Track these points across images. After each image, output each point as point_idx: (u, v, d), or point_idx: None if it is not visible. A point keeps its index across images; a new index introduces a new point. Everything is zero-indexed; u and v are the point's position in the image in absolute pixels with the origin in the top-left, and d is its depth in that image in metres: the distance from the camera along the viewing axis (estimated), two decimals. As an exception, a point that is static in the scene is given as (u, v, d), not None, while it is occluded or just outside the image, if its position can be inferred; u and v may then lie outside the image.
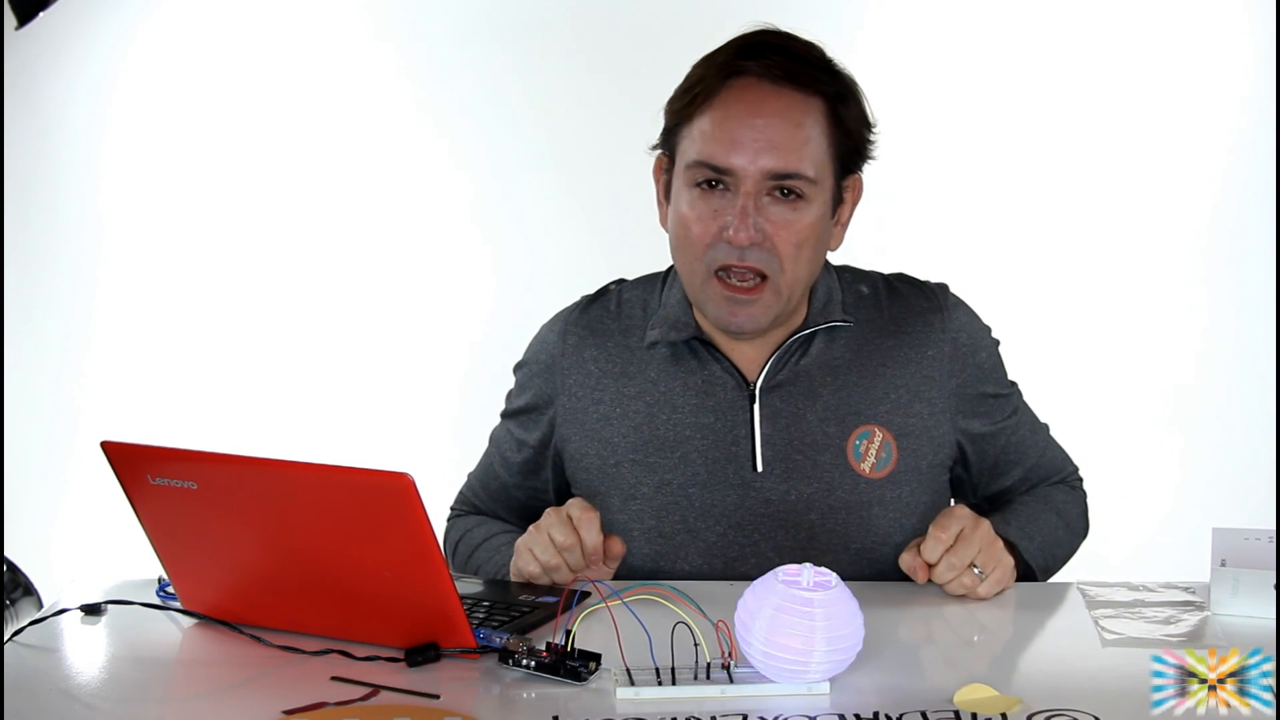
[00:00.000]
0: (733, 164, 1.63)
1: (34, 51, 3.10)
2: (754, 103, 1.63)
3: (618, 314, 1.80)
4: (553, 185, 3.21)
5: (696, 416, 1.72)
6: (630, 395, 1.75)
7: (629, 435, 1.74)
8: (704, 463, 1.71)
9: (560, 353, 1.79)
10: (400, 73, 3.20)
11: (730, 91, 1.64)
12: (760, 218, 1.63)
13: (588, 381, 1.77)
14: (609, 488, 1.74)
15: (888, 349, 1.74)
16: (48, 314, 3.24)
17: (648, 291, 1.81)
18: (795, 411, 1.72)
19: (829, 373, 1.73)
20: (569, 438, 1.78)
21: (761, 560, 1.68)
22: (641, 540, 1.72)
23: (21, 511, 3.02)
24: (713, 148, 1.63)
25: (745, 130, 1.62)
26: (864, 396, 1.72)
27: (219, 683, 1.38)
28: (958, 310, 1.79)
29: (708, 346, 1.74)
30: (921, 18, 3.12)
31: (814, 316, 1.74)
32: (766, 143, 1.62)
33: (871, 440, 1.71)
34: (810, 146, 1.63)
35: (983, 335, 1.81)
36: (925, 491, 1.74)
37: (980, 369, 1.79)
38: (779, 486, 1.70)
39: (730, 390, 1.73)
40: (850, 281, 1.79)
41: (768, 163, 1.62)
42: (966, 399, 1.77)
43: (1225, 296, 3.14)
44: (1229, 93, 3.08)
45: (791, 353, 1.73)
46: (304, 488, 1.37)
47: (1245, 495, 2.89)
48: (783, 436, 1.71)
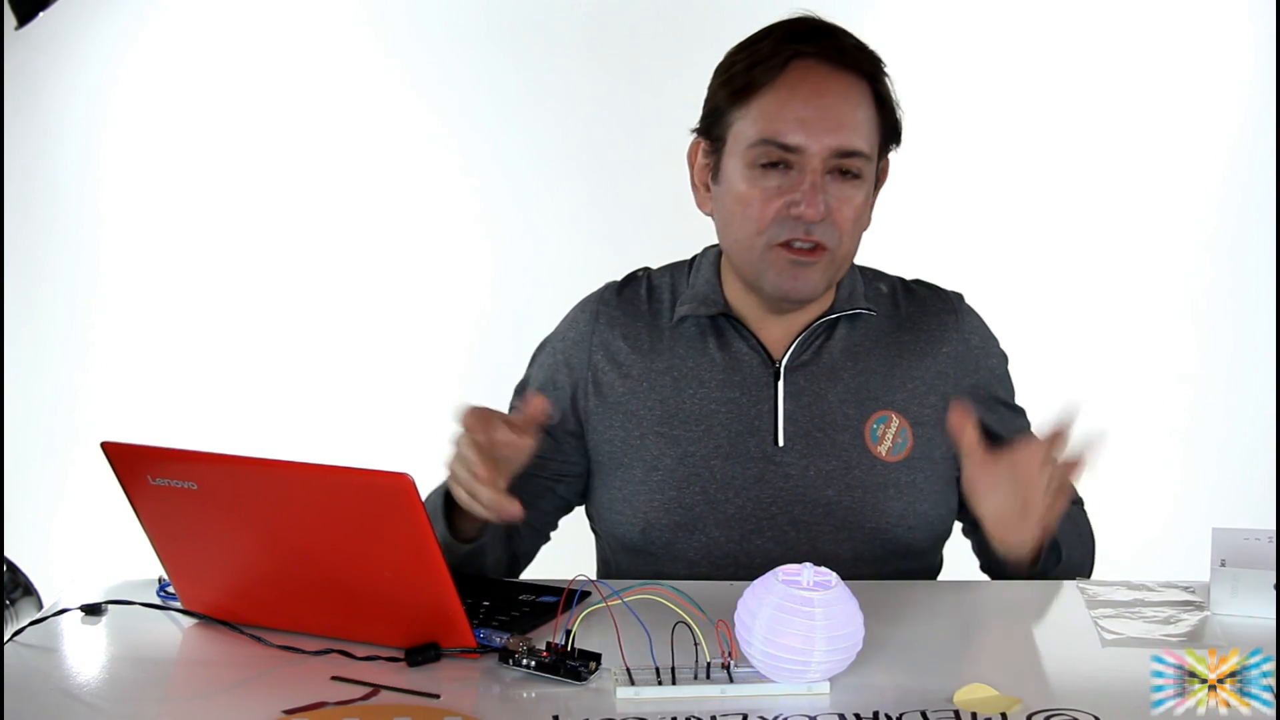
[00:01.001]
0: (800, 142, 1.68)
1: (34, 51, 3.10)
2: (817, 83, 1.69)
3: (648, 297, 1.84)
4: (554, 184, 3.21)
5: (722, 391, 1.76)
6: (658, 370, 1.78)
7: (655, 408, 1.77)
8: (727, 436, 1.75)
9: (591, 330, 1.82)
10: (399, 72, 3.20)
11: (793, 73, 1.69)
12: (827, 196, 1.69)
13: (616, 357, 1.80)
14: (632, 459, 1.77)
15: (905, 342, 1.79)
16: (48, 314, 3.24)
17: (676, 276, 1.85)
18: (818, 391, 1.76)
19: (851, 358, 1.78)
20: (594, 410, 1.80)
21: (778, 534, 1.72)
22: (661, 511, 1.74)
23: (21, 511, 3.02)
24: (779, 125, 1.68)
25: (811, 109, 1.68)
26: (882, 383, 1.77)
27: (219, 683, 1.38)
28: (971, 316, 1.85)
29: (735, 325, 1.78)
30: (922, 21, 3.12)
31: (840, 303, 1.79)
32: (833, 122, 1.68)
33: (889, 425, 1.76)
34: (866, 127, 1.70)
35: (993, 344, 1.86)
36: (937, 481, 1.77)
37: (992, 373, 1.83)
38: (799, 462, 1.74)
39: (756, 367, 1.77)
40: (871, 279, 1.85)
41: (833, 140, 1.68)
42: (981, 400, 1.80)
43: (1225, 296, 3.14)
44: (1232, 96, 3.08)
45: (816, 336, 1.78)
46: (304, 488, 1.37)
47: (1245, 495, 2.89)
48: (805, 414, 1.75)
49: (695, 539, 1.74)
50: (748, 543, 1.73)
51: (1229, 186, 3.11)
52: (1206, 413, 3.15)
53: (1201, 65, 3.08)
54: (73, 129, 3.22)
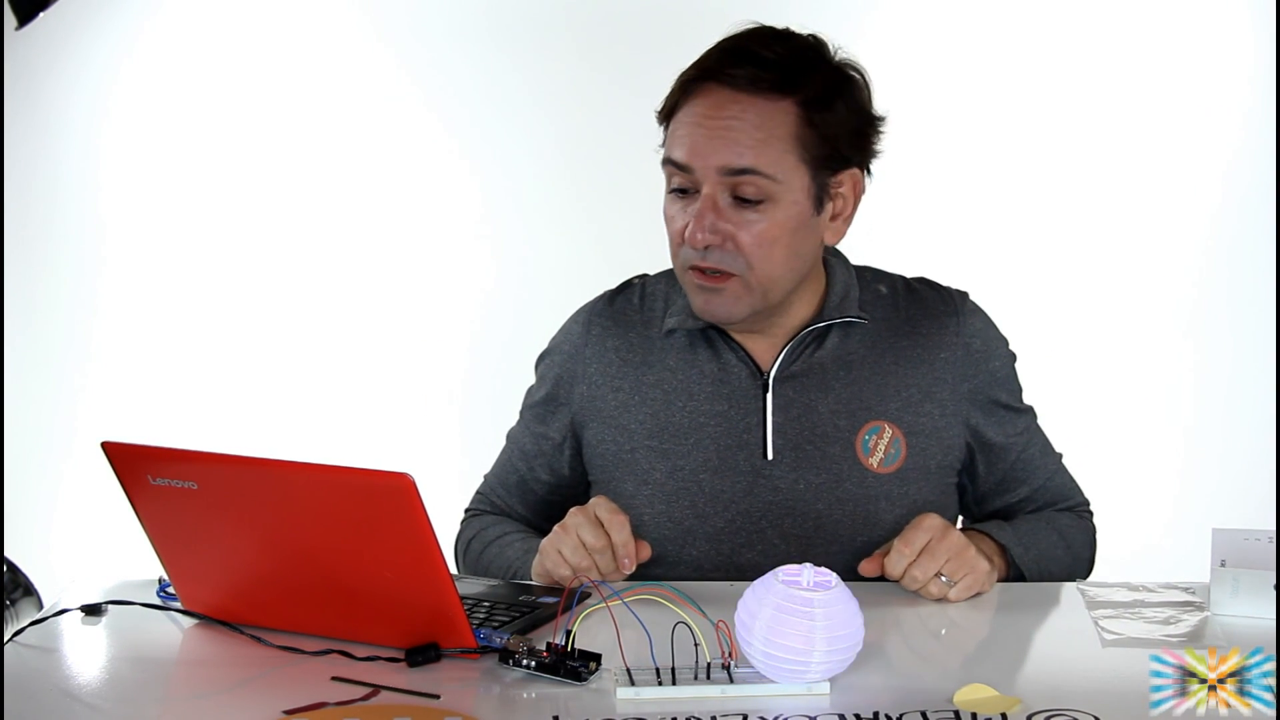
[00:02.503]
0: (687, 161, 1.67)
1: (34, 51, 3.10)
2: (712, 106, 1.67)
3: (640, 306, 1.84)
4: (554, 185, 3.21)
5: (711, 404, 1.75)
6: (649, 383, 1.78)
7: (645, 422, 1.77)
8: (716, 449, 1.74)
9: (584, 342, 1.82)
10: (398, 71, 3.20)
11: (698, 95, 1.68)
12: (720, 220, 1.66)
13: (609, 370, 1.80)
14: (624, 473, 1.77)
15: (901, 348, 1.77)
16: (48, 314, 3.24)
17: (670, 285, 1.84)
18: (807, 403, 1.74)
19: (842, 367, 1.75)
20: (587, 424, 1.80)
21: (767, 548, 1.71)
22: (651, 525, 1.74)
23: (21, 511, 3.02)
24: (674, 145, 1.69)
25: (701, 131, 1.66)
26: (875, 393, 1.75)
27: (219, 683, 1.38)
28: (974, 317, 1.81)
29: (724, 336, 1.77)
30: (922, 23, 3.12)
31: (829, 311, 1.76)
32: (721, 141, 1.65)
33: (881, 436, 1.74)
34: (770, 147, 1.65)
35: (997, 344, 1.82)
36: (932, 491, 1.75)
37: (993, 376, 1.80)
38: (788, 475, 1.73)
39: (744, 379, 1.75)
40: (870, 281, 1.82)
41: (717, 160, 1.65)
42: (979, 404, 1.78)
43: (1225, 296, 3.14)
44: (1232, 103, 3.09)
45: (805, 345, 1.76)
46: (304, 488, 1.37)
47: (1245, 495, 2.89)
48: (794, 426, 1.73)
49: (685, 553, 1.73)
50: (738, 556, 1.72)
51: (1229, 188, 3.11)
52: (1207, 413, 3.15)
53: (1207, 60, 3.08)
54: (73, 129, 3.22)
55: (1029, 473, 1.82)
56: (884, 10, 3.12)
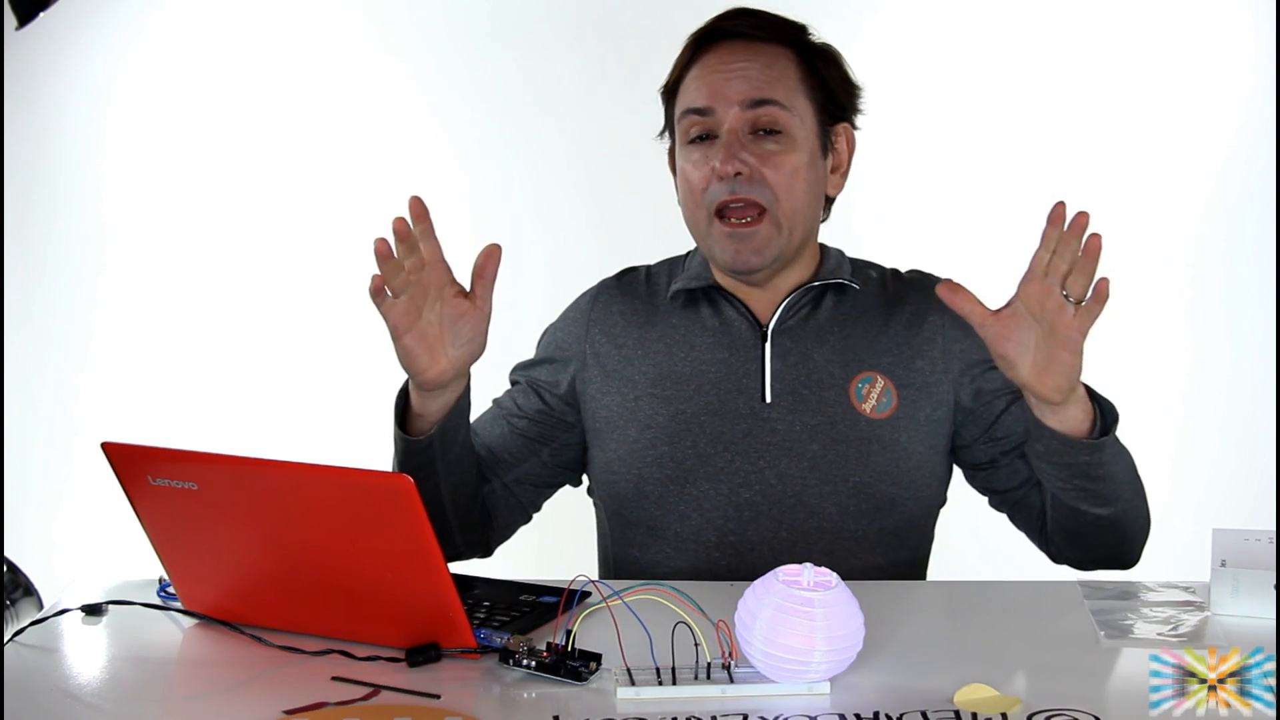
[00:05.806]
0: (709, 103, 1.77)
1: (34, 51, 3.10)
2: (725, 54, 1.79)
3: (646, 282, 1.92)
4: (552, 184, 3.21)
5: (712, 353, 1.83)
6: (652, 339, 1.86)
7: (649, 372, 1.84)
8: (717, 394, 1.81)
9: (590, 309, 1.91)
10: (399, 71, 3.20)
11: (705, 53, 1.80)
12: (745, 154, 1.76)
13: (614, 330, 1.88)
14: (628, 421, 1.83)
15: (892, 314, 1.85)
16: (48, 314, 3.24)
17: (672, 267, 1.93)
18: (804, 351, 1.82)
19: (838, 324, 1.84)
20: (591, 380, 1.86)
21: (765, 487, 1.77)
22: (655, 465, 1.80)
23: (21, 511, 3.02)
24: (692, 95, 1.79)
25: (718, 75, 1.78)
26: (869, 348, 1.82)
27: (219, 683, 1.38)
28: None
29: (725, 295, 1.85)
30: (919, 18, 3.12)
31: (825, 273, 1.85)
32: (739, 78, 1.77)
33: (874, 385, 1.81)
34: (782, 83, 1.78)
35: None
36: (922, 442, 1.81)
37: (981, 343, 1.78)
38: (785, 418, 1.79)
39: (744, 330, 1.83)
40: (861, 266, 1.91)
41: (738, 94, 1.76)
42: (973, 364, 1.82)
43: (1224, 296, 3.14)
44: (1232, 94, 3.08)
45: (803, 304, 1.84)
46: (304, 488, 1.37)
47: (1245, 496, 2.89)
48: (791, 373, 1.81)
49: (687, 491, 1.79)
50: (736, 496, 1.78)
51: (1226, 185, 3.11)
52: (1206, 412, 3.14)
53: (1205, 59, 3.08)
54: (73, 129, 3.22)
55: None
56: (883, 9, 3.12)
